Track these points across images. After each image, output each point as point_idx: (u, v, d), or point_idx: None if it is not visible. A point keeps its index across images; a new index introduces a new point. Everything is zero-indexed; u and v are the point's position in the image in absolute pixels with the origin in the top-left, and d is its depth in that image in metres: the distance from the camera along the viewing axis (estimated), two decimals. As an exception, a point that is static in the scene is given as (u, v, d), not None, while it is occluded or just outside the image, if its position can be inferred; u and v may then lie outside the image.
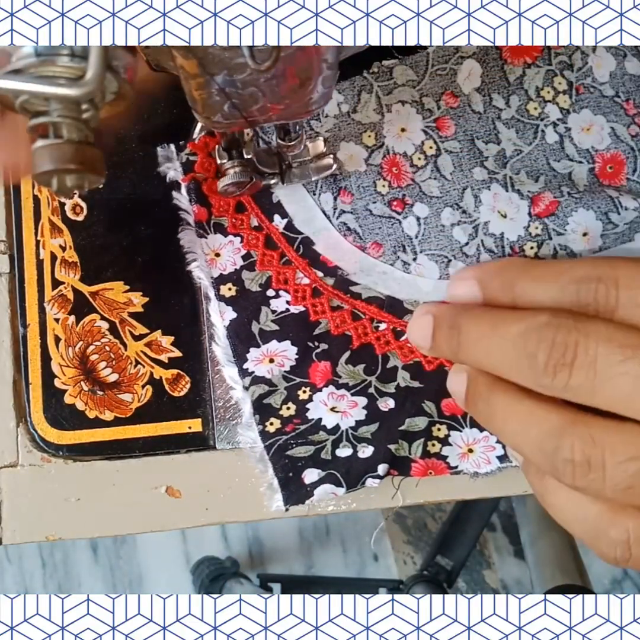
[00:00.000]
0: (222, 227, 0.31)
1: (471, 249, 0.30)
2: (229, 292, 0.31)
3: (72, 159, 0.19)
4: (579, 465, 0.22)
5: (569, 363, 0.22)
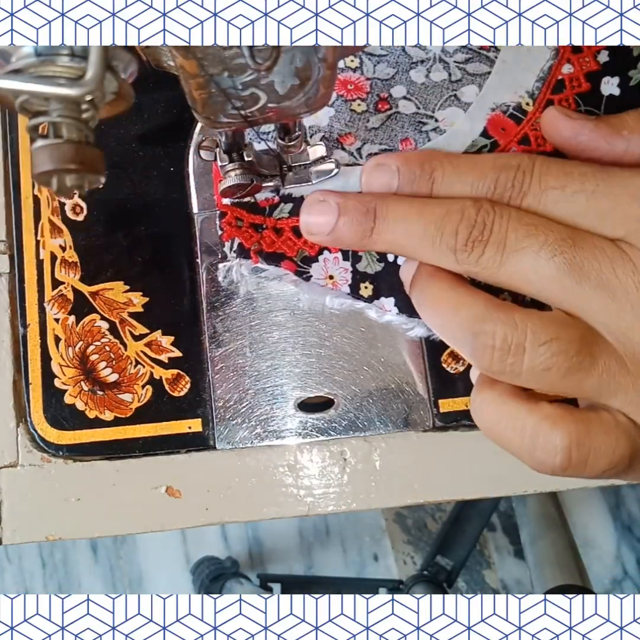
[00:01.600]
0: (308, 258, 0.31)
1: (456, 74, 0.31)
2: (367, 290, 0.31)
3: (72, 159, 0.19)
4: (499, 349, 0.23)
5: (485, 239, 0.24)
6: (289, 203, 0.31)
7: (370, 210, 0.26)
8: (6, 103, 0.19)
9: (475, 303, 0.25)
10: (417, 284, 0.27)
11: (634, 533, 1.04)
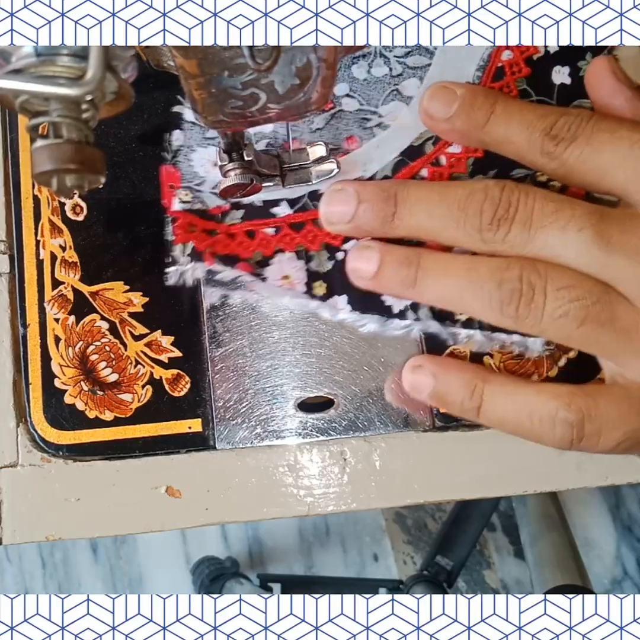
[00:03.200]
0: (263, 260, 0.31)
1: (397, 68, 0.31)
2: (321, 288, 0.31)
3: (72, 159, 0.19)
4: (525, 292, 0.24)
5: (511, 218, 0.24)
6: (241, 210, 0.31)
7: (390, 196, 0.26)
8: (6, 103, 0.19)
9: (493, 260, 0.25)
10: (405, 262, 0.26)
11: (634, 533, 1.04)
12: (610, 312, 0.24)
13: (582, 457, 0.31)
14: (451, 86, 0.27)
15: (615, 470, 0.31)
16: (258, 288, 0.31)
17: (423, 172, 0.30)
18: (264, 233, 0.31)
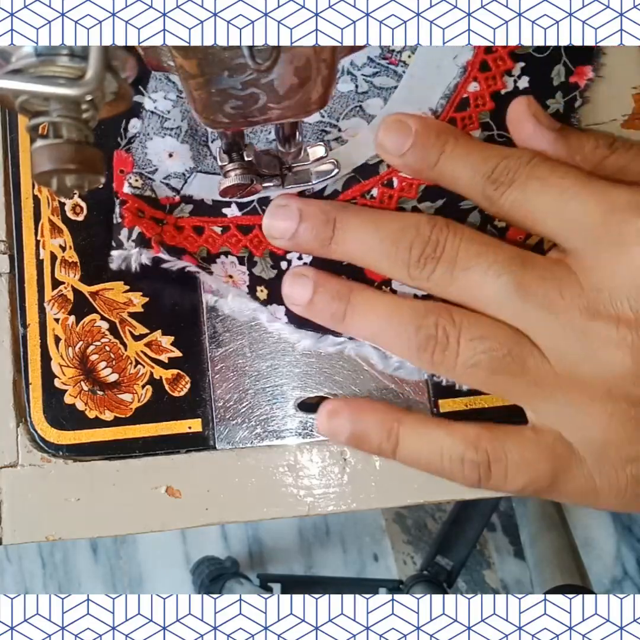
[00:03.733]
0: (209, 257, 0.31)
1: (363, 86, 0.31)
2: (262, 293, 0.31)
3: (72, 159, 0.19)
4: (440, 340, 0.25)
5: (437, 257, 0.25)
6: (190, 204, 0.31)
7: (330, 220, 0.27)
8: (6, 103, 0.19)
9: (415, 303, 0.26)
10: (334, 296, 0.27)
11: (634, 533, 1.04)
12: (521, 364, 0.24)
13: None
14: (406, 121, 0.27)
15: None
16: (205, 278, 0.31)
17: (373, 191, 0.30)
18: (211, 230, 0.31)
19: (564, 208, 0.24)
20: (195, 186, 0.32)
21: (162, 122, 0.32)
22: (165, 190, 0.32)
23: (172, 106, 0.32)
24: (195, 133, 0.32)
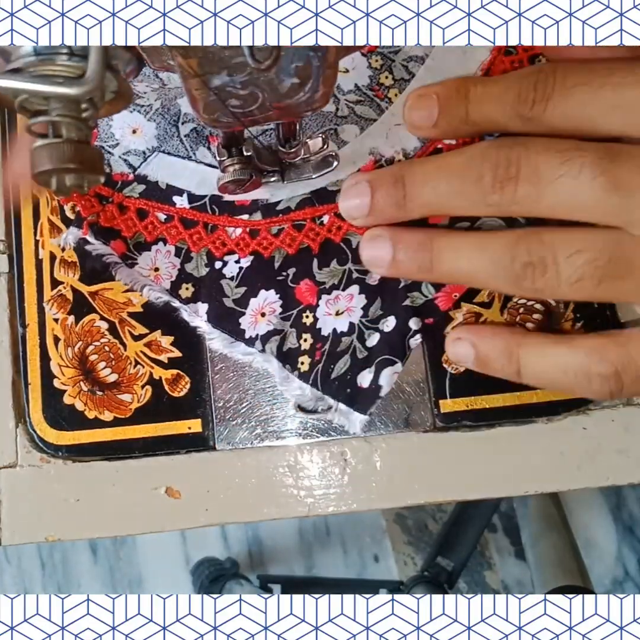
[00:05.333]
0: (143, 244, 0.32)
1: (344, 111, 0.32)
2: (187, 291, 0.31)
3: (72, 159, 0.19)
4: (537, 265, 0.24)
5: (514, 176, 0.24)
6: (142, 184, 0.32)
7: (398, 180, 0.26)
8: (6, 102, 0.19)
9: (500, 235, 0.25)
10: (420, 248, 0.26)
11: (635, 534, 1.04)
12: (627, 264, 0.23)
13: (583, 458, 0.31)
14: (426, 92, 0.27)
15: (617, 471, 0.31)
16: (120, 272, 0.32)
17: (325, 218, 0.31)
18: (154, 217, 0.32)
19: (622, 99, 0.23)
20: (153, 166, 0.32)
21: (134, 98, 0.32)
22: (122, 166, 0.32)
23: (151, 91, 0.32)
24: (167, 112, 0.32)
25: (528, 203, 0.24)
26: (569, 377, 0.25)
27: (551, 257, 0.24)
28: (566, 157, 0.23)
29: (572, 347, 0.25)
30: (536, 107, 0.24)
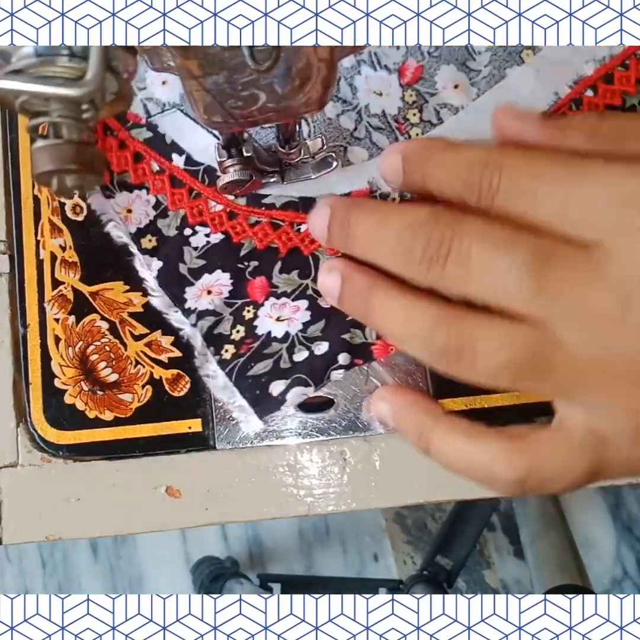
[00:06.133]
0: (127, 184, 0.32)
1: (361, 132, 0.32)
2: (149, 243, 0.32)
3: (72, 159, 0.19)
4: (452, 352, 0.24)
5: (443, 257, 0.24)
6: (150, 132, 0.32)
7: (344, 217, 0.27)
8: (6, 103, 0.19)
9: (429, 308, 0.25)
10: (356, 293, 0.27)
11: (634, 533, 1.04)
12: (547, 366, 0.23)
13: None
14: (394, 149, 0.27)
15: (615, 470, 0.31)
16: (93, 198, 0.32)
17: (302, 227, 0.31)
18: (147, 165, 0.32)
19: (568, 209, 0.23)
20: (167, 120, 0.32)
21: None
22: (139, 109, 0.32)
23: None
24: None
25: (456, 284, 0.24)
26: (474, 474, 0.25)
27: (469, 348, 0.24)
28: (499, 250, 0.23)
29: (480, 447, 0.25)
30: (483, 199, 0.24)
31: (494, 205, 0.24)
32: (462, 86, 0.32)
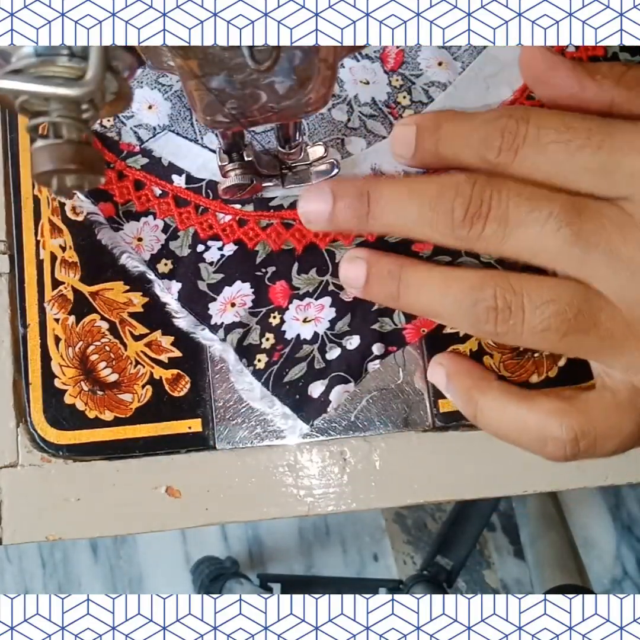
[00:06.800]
0: (133, 213, 0.32)
1: (355, 122, 0.32)
2: (165, 267, 0.32)
3: (72, 159, 0.19)
4: (501, 310, 0.24)
5: (484, 215, 0.24)
6: (146, 158, 0.32)
7: (363, 194, 0.26)
8: (6, 103, 0.19)
9: (467, 274, 0.25)
10: (385, 274, 0.27)
11: (634, 533, 1.04)
12: (592, 320, 0.23)
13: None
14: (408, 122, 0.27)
15: (616, 470, 0.31)
16: (103, 232, 0.32)
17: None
18: (150, 190, 0.32)
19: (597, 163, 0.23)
20: (160, 143, 0.32)
21: (158, 77, 0.33)
22: (131, 137, 0.32)
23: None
24: (185, 96, 0.32)
25: (493, 242, 0.24)
26: (524, 437, 0.25)
27: (518, 303, 0.24)
28: (535, 205, 0.23)
29: (532, 408, 0.25)
30: (503, 155, 0.24)
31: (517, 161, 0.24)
32: (445, 63, 0.32)
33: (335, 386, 0.30)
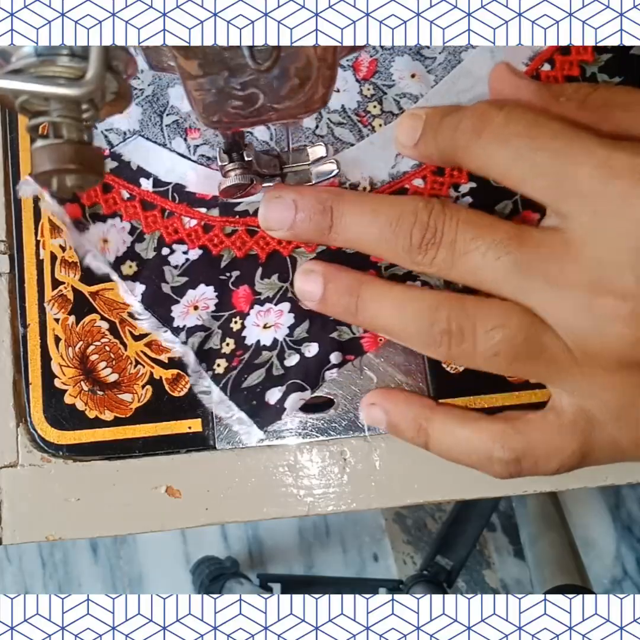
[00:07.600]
0: (99, 215, 0.32)
1: (323, 130, 0.32)
2: (130, 269, 0.32)
3: (72, 159, 0.19)
4: (454, 335, 0.25)
5: (437, 242, 0.25)
6: (115, 162, 0.33)
7: (326, 209, 0.27)
8: (6, 103, 0.19)
9: (424, 295, 0.26)
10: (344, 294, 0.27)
11: (634, 533, 1.04)
12: (538, 345, 0.24)
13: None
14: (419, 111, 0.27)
15: (615, 470, 0.31)
16: (70, 234, 0.32)
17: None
18: (117, 194, 0.32)
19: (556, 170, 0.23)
20: (130, 147, 0.33)
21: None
22: (101, 141, 0.33)
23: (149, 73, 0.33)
24: (156, 101, 0.33)
25: (443, 268, 0.25)
26: (471, 458, 0.26)
27: (470, 328, 0.25)
28: (479, 232, 0.24)
29: (476, 431, 0.26)
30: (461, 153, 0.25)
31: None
32: (419, 75, 0.32)
33: (292, 394, 0.30)
